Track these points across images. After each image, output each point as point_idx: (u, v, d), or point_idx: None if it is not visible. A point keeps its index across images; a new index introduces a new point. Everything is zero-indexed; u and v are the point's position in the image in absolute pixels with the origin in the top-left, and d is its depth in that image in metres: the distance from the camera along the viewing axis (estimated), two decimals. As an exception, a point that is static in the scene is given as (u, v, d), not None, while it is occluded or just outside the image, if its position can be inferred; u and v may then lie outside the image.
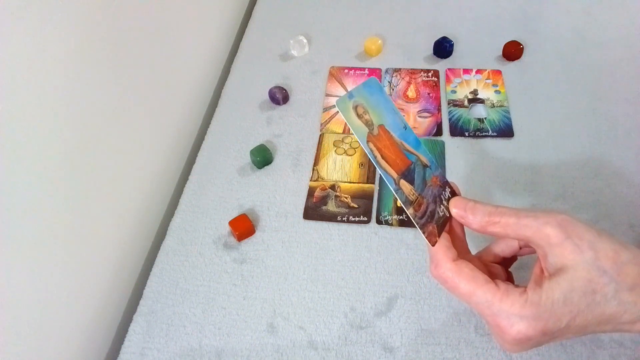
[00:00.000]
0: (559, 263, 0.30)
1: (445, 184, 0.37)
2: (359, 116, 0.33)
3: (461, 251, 0.36)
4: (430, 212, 0.35)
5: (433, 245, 0.34)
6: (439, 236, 0.35)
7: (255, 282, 0.50)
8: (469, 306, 0.34)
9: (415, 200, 0.34)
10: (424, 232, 0.34)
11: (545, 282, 0.30)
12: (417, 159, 0.36)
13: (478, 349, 0.44)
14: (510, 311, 0.30)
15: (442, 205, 0.36)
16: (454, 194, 0.37)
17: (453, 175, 0.56)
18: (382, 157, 0.34)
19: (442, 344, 0.45)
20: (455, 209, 0.35)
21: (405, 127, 0.36)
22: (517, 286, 0.32)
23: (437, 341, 0.45)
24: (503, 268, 0.38)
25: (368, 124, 0.34)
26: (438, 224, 0.35)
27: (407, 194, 0.34)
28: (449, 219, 0.36)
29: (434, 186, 0.36)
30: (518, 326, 0.30)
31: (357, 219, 0.53)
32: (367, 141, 0.33)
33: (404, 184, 0.34)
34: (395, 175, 0.34)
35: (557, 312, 0.30)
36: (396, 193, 0.34)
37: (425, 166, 0.36)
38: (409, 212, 0.34)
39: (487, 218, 0.33)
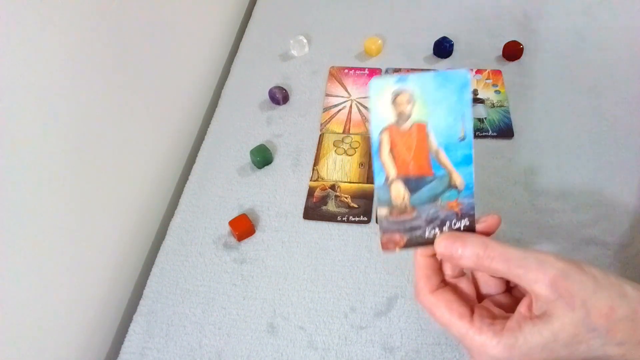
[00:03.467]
0: (547, 311, 0.30)
1: (466, 216, 0.31)
2: (395, 104, 0.28)
3: (452, 273, 0.34)
4: (410, 227, 0.31)
5: (383, 250, 0.31)
6: (403, 249, 0.31)
7: (255, 282, 0.50)
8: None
9: (401, 208, 0.30)
10: (382, 235, 0.31)
11: (527, 325, 0.29)
12: (446, 175, 0.30)
13: (478, 349, 0.44)
14: (481, 350, 0.30)
15: (434, 230, 0.31)
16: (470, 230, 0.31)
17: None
18: (390, 151, 0.29)
19: (442, 344, 0.45)
20: (440, 249, 0.31)
21: (463, 139, 0.29)
22: (494, 322, 0.31)
23: (437, 341, 0.45)
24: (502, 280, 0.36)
25: (401, 115, 0.28)
26: (412, 241, 0.31)
27: (394, 197, 0.30)
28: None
29: (445, 209, 0.31)
30: None
31: (357, 219, 0.53)
32: (382, 130, 0.29)
33: (397, 187, 0.30)
34: (393, 174, 0.30)
35: (534, 356, 0.29)
36: (378, 190, 0.30)
37: (452, 187, 0.30)
38: (382, 211, 0.30)
39: (474, 263, 0.30)
